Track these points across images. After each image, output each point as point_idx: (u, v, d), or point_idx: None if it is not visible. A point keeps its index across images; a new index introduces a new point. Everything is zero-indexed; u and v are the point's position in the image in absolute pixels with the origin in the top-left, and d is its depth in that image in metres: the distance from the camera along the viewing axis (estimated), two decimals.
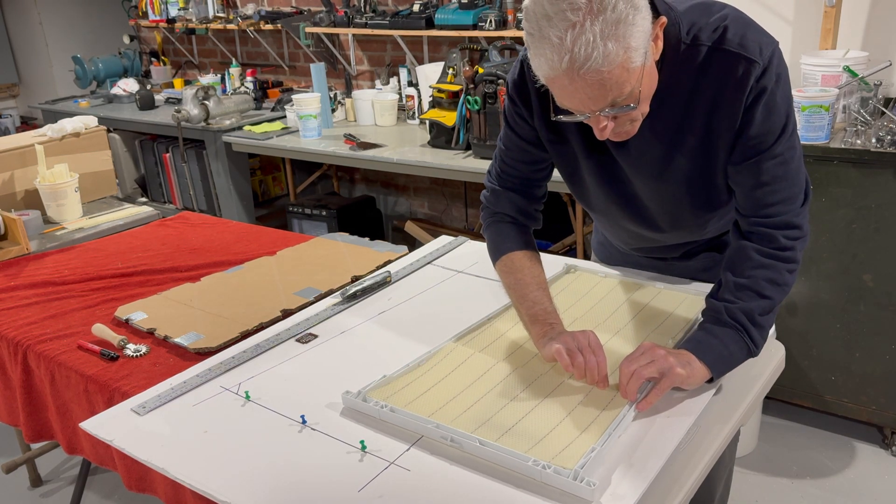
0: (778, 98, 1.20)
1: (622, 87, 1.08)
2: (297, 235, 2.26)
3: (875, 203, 2.18)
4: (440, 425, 1.13)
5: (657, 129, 1.26)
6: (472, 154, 2.95)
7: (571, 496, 1.00)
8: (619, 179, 1.38)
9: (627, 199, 1.41)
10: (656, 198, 1.38)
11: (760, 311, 1.23)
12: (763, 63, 1.18)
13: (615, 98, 1.09)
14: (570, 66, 1.03)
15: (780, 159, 1.23)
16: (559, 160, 1.43)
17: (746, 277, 1.24)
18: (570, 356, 1.20)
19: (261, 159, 4.23)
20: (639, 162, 1.32)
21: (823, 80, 2.36)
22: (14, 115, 6.05)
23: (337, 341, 1.50)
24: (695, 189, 1.33)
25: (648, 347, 1.19)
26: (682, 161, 1.29)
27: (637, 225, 1.47)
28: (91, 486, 2.49)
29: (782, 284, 1.24)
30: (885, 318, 2.27)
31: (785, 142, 1.22)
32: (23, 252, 2.16)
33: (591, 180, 1.41)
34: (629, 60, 1.05)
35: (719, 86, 1.20)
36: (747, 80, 1.18)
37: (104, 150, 2.74)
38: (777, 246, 1.24)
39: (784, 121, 1.22)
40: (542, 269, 1.43)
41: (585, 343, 1.22)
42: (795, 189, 1.25)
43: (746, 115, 1.21)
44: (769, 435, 2.54)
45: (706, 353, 1.20)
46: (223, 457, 1.15)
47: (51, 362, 1.56)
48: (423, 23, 3.40)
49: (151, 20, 4.71)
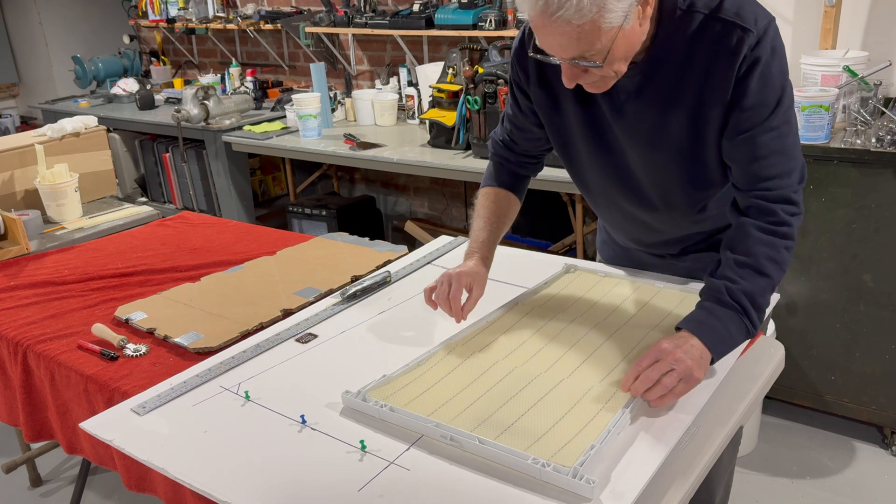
0: (773, 70, 1.20)
1: (592, 43, 1.11)
2: (297, 235, 2.26)
3: (875, 203, 2.18)
4: (440, 424, 1.13)
5: (651, 95, 1.28)
6: (472, 154, 2.95)
7: (571, 494, 1.00)
8: (614, 149, 1.39)
9: (621, 172, 1.42)
10: (648, 169, 1.39)
11: (760, 291, 1.23)
12: (758, 33, 1.19)
13: (584, 52, 1.13)
14: (545, 9, 1.09)
15: (776, 133, 1.23)
16: (553, 130, 1.45)
17: (747, 255, 1.24)
18: (428, 291, 1.39)
19: (261, 159, 4.24)
20: (632, 129, 1.33)
21: (823, 79, 2.36)
22: (14, 115, 6.04)
23: (337, 341, 1.50)
24: (684, 161, 1.34)
25: (664, 350, 1.17)
26: (673, 130, 1.30)
27: (632, 203, 1.47)
28: (91, 485, 2.49)
29: (781, 262, 1.24)
30: (885, 318, 2.27)
31: (781, 115, 1.23)
32: (23, 252, 2.16)
33: (586, 149, 1.42)
34: (602, 19, 1.08)
35: (712, 54, 1.21)
36: (741, 48, 1.19)
37: (104, 149, 2.74)
38: (776, 220, 1.24)
39: (779, 94, 1.22)
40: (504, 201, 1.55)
41: (448, 276, 1.38)
42: (792, 164, 1.25)
43: (740, 86, 1.21)
44: (769, 435, 2.55)
45: (707, 334, 1.20)
46: (223, 456, 1.15)
47: (51, 362, 1.56)
48: (423, 23, 3.40)
49: (151, 20, 4.72)
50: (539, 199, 2.90)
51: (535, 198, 1.66)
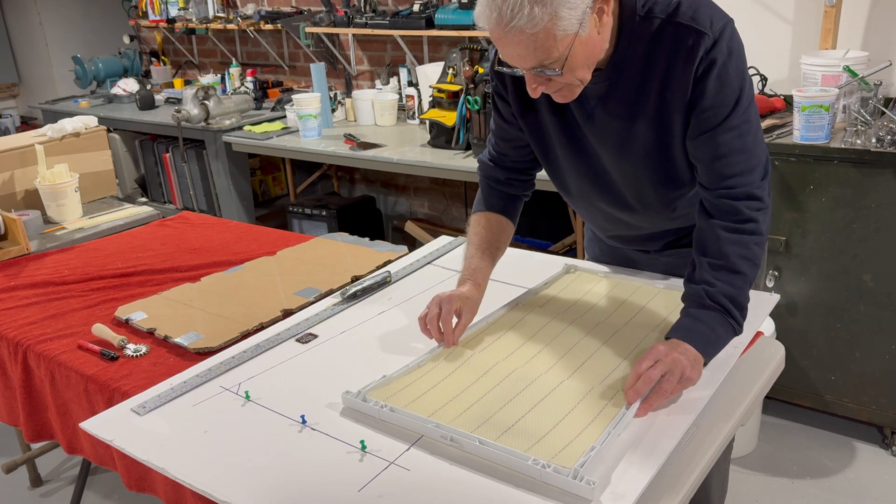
0: (730, 71, 1.22)
1: (549, 52, 1.14)
2: (298, 235, 2.26)
3: (875, 203, 2.18)
4: (440, 425, 1.13)
5: (617, 100, 1.30)
6: (472, 154, 2.95)
7: (571, 495, 1.00)
8: (588, 153, 1.42)
9: (597, 175, 1.44)
10: (620, 171, 1.41)
11: (738, 290, 1.25)
12: (713, 35, 1.21)
13: (542, 60, 1.16)
14: (498, 21, 1.12)
15: (736, 132, 1.25)
16: (533, 136, 1.47)
17: (720, 257, 1.26)
18: (422, 320, 1.37)
19: (261, 159, 4.24)
20: (602, 134, 1.36)
21: (823, 79, 2.36)
22: (14, 115, 6.05)
23: (337, 341, 1.50)
24: (653, 163, 1.36)
25: (661, 352, 1.18)
26: (639, 134, 1.32)
27: (610, 204, 1.50)
28: (91, 485, 2.49)
29: (752, 259, 1.26)
30: (886, 318, 2.27)
31: (740, 115, 1.25)
32: (23, 252, 2.16)
33: (563, 154, 1.44)
34: (556, 27, 1.11)
35: (671, 58, 1.23)
36: (696, 51, 1.21)
37: (104, 150, 2.74)
38: (741, 218, 1.26)
39: (737, 94, 1.24)
40: (496, 226, 1.53)
41: (438, 300, 1.36)
42: (753, 161, 1.27)
43: (697, 87, 1.23)
44: (769, 435, 2.54)
45: (696, 339, 1.21)
46: (223, 457, 1.15)
47: (51, 362, 1.56)
48: (423, 23, 3.40)
49: (151, 20, 4.71)
50: (539, 199, 2.88)
51: (535, 198, 1.66)
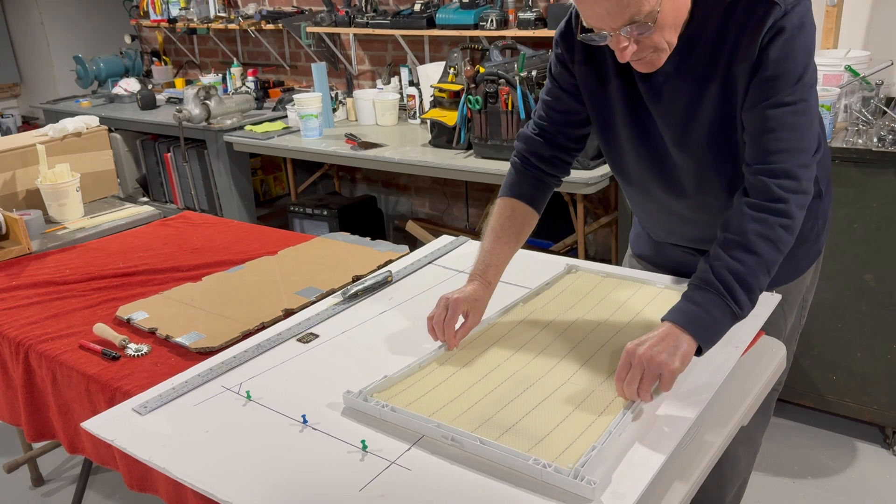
0: (798, 44, 1.19)
1: (640, 5, 1.12)
2: (299, 235, 2.26)
3: (876, 202, 2.18)
4: (441, 424, 1.13)
5: (686, 73, 1.28)
6: (473, 154, 2.95)
7: (572, 495, 1.00)
8: (650, 134, 1.38)
9: (655, 154, 1.41)
10: (681, 153, 1.37)
11: (748, 269, 1.19)
12: (785, 7, 1.18)
13: (633, 15, 1.13)
14: None
15: (791, 109, 1.21)
16: (596, 110, 1.43)
17: (737, 233, 1.21)
18: (430, 320, 1.36)
19: (262, 159, 4.24)
20: (667, 112, 1.33)
21: (825, 79, 2.35)
22: (15, 115, 6.05)
23: (338, 341, 1.50)
24: (717, 141, 1.32)
25: (633, 354, 1.15)
26: (705, 112, 1.29)
27: (666, 190, 1.45)
28: (92, 485, 2.50)
29: (775, 241, 1.20)
30: (887, 318, 2.26)
31: (799, 91, 1.21)
32: (24, 252, 2.16)
33: (625, 134, 1.41)
34: None
35: (741, 29, 1.21)
36: (766, 20, 1.19)
37: (105, 149, 2.74)
38: (771, 197, 1.21)
39: (801, 71, 1.20)
40: (521, 217, 1.47)
41: (445, 301, 1.35)
42: (804, 144, 1.22)
43: (762, 55, 1.20)
44: (770, 435, 2.54)
45: (688, 322, 1.17)
46: (224, 456, 1.15)
47: (52, 362, 1.56)
48: (425, 22, 3.40)
49: (153, 20, 4.72)
50: None
51: None
